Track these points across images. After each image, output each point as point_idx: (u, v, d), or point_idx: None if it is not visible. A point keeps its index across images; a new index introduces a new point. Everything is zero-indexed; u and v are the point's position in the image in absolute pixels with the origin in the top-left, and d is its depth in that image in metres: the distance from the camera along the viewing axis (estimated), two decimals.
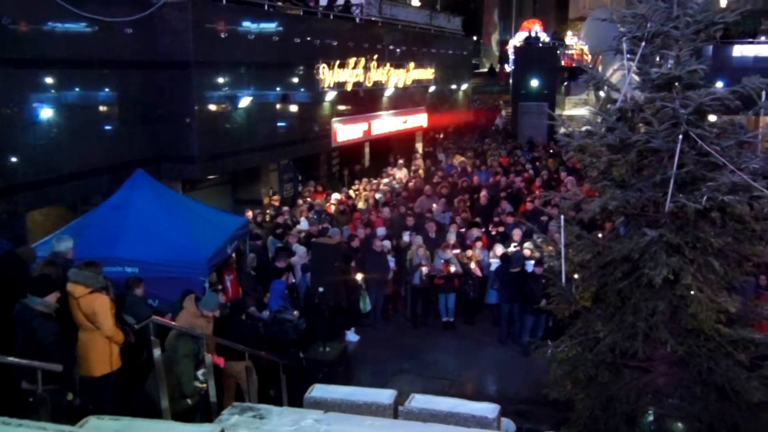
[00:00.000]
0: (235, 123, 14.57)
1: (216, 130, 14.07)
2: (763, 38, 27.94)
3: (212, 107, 13.93)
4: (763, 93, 7.49)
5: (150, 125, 13.01)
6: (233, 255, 11.60)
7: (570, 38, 36.37)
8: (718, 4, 29.73)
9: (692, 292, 7.03)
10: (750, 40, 27.67)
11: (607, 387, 7.93)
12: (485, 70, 41.00)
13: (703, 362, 7.41)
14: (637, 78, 8.03)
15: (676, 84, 7.41)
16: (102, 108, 12.32)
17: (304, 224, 14.98)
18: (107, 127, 12.37)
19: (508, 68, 35.17)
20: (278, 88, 16.08)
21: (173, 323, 7.96)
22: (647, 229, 7.13)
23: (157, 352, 7.12)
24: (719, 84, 9.47)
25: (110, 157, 12.17)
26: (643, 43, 7.62)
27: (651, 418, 7.74)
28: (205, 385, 7.67)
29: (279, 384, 9.49)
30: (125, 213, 9.83)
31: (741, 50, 27.44)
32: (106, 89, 12.26)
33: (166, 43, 13.02)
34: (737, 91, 7.43)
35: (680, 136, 6.93)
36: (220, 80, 14.06)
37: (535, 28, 36.52)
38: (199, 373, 7.62)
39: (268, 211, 16.00)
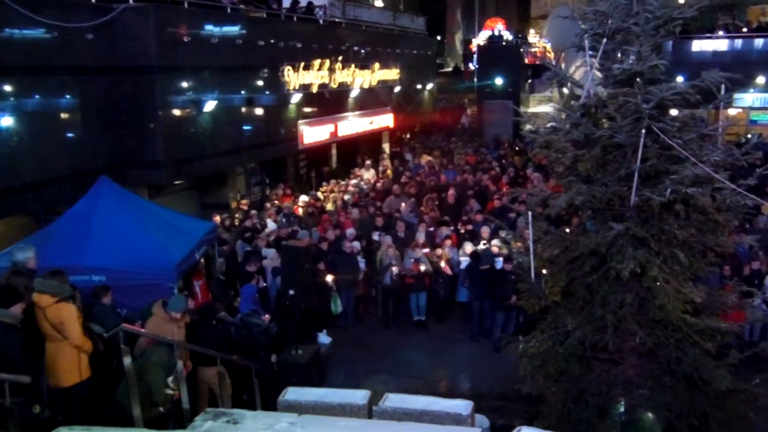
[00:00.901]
0: (201, 127, 14.45)
1: (181, 135, 13.95)
2: (720, 33, 28.44)
3: (177, 112, 13.81)
4: (722, 87, 7.64)
5: (114, 131, 12.85)
6: (202, 260, 11.52)
7: (533, 36, 36.69)
8: (676, 1, 30.30)
9: (659, 284, 7.13)
10: (708, 35, 28.16)
11: (578, 380, 8.01)
12: (450, 69, 41.14)
13: (671, 352, 7.53)
14: (599, 74, 8.13)
15: (638, 79, 7.52)
16: (64, 115, 12.15)
17: (271, 226, 14.89)
18: (69, 135, 12.21)
19: (472, 67, 35.35)
20: (243, 92, 15.99)
21: (143, 330, 7.87)
22: (613, 223, 7.23)
23: (127, 360, 7.03)
24: (680, 79, 9.61)
25: (73, 164, 12.00)
26: (605, 40, 7.72)
27: (622, 409, 7.83)
28: (176, 392, 7.60)
29: (252, 388, 9.44)
30: (90, 221, 9.70)
31: (700, 45, 27.94)
32: (68, 96, 12.09)
33: (128, 48, 12.87)
34: (697, 86, 7.56)
35: (643, 131, 7.02)
36: (184, 84, 13.94)
37: (498, 27, 36.80)
38: (169, 380, 7.55)
39: (236, 215, 15.90)
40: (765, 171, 7.83)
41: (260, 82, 16.69)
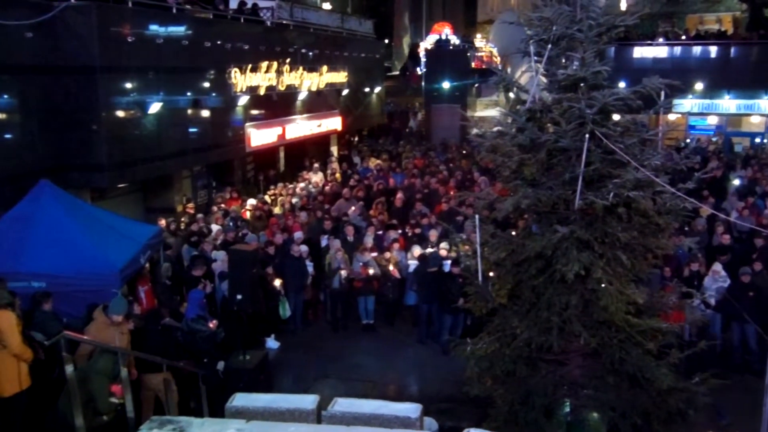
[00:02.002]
0: (146, 129, 14.20)
1: (125, 137, 13.67)
2: (661, 40, 29.19)
3: (121, 113, 13.53)
4: (662, 93, 7.84)
5: (55, 133, 12.53)
6: (147, 265, 11.31)
7: (479, 41, 37.07)
8: (618, 8, 31.00)
9: (603, 286, 7.28)
10: (649, 42, 28.88)
11: (525, 381, 8.12)
12: (398, 72, 41.30)
13: (614, 352, 7.69)
14: (544, 79, 8.26)
15: (582, 85, 7.67)
16: (2, 115, 11.81)
17: (214, 229, 14.70)
18: (8, 136, 11.87)
19: (420, 71, 35.55)
20: (189, 93, 15.77)
21: (86, 338, 7.69)
22: (558, 226, 7.34)
23: (69, 368, 6.86)
24: (622, 84, 9.83)
25: (12, 166, 11.68)
26: (549, 46, 7.85)
27: (567, 409, 7.97)
28: (121, 400, 7.44)
29: (199, 395, 9.31)
30: (30, 225, 9.44)
31: (641, 52, 28.63)
32: (5, 95, 11.78)
33: (70, 47, 12.58)
34: (638, 91, 7.75)
35: (587, 135, 7.16)
36: (128, 85, 13.67)
37: (446, 31, 37.04)
38: (112, 399, 7.39)
39: (182, 219, 15.66)
40: (703, 175, 8.06)
41: (207, 84, 16.49)
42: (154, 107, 14.15)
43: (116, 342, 7.88)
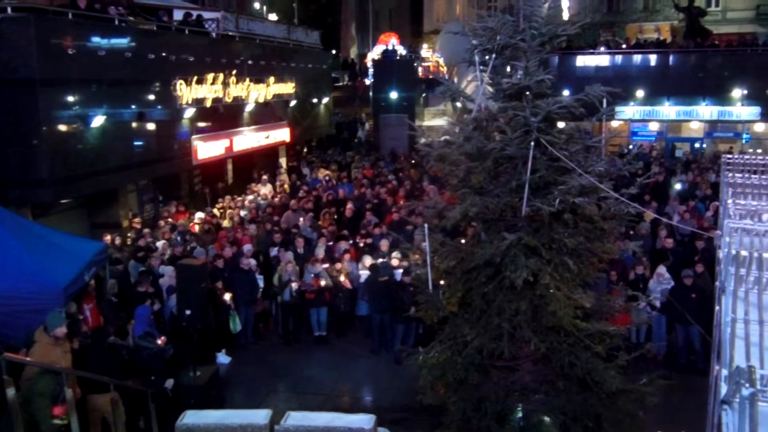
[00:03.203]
0: (89, 143, 13.91)
1: (67, 152, 13.38)
2: (602, 49, 29.84)
3: (62, 127, 13.23)
4: (604, 100, 7.99)
5: None
6: (92, 282, 11.06)
7: (426, 51, 37.35)
8: (561, 18, 31.60)
9: (551, 291, 7.35)
10: (591, 51, 29.49)
11: (477, 388, 8.15)
12: (347, 82, 41.31)
13: (564, 357, 7.76)
14: (490, 88, 8.34)
15: (527, 93, 7.77)
16: None
17: (160, 244, 14.44)
18: None
19: (368, 81, 35.65)
20: (134, 106, 15.51)
21: (28, 359, 7.46)
22: (506, 233, 7.40)
23: (10, 391, 6.64)
24: (566, 92, 10.00)
25: None
26: (494, 55, 7.93)
27: (519, 414, 8.02)
28: (65, 421, 7.24)
29: (148, 414, 9.12)
30: None
31: (584, 60, 29.23)
32: None
33: (8, 59, 12.31)
34: (581, 99, 7.88)
35: (532, 143, 7.24)
36: (70, 99, 13.38)
37: (392, 42, 37.21)
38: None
39: (128, 234, 15.36)
40: (646, 180, 8.23)
41: (152, 97, 16.24)
42: (98, 120, 13.88)
43: (61, 362, 7.66)
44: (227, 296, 12.31)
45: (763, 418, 2.17)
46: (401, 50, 35.09)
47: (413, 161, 25.06)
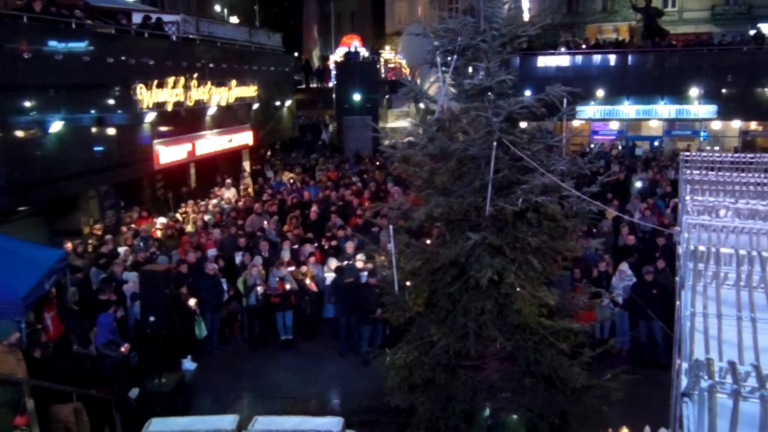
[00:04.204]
0: (47, 149, 13.65)
1: (24, 158, 13.11)
2: (563, 49, 30.17)
3: (19, 133, 12.97)
4: (565, 100, 8.09)
5: None
6: (53, 290, 10.86)
7: (388, 52, 37.41)
8: (521, 19, 31.91)
9: (516, 290, 7.42)
10: (552, 51, 29.80)
11: (445, 388, 8.19)
12: (314, 85, 41.17)
13: (530, 355, 7.84)
14: (452, 89, 8.39)
15: (489, 94, 7.82)
16: None
17: (121, 251, 14.25)
18: None
19: (331, 84, 35.60)
20: (93, 111, 15.27)
21: None
22: (470, 233, 7.44)
23: None
24: (528, 93, 10.09)
25: None
26: (455, 56, 7.98)
27: (487, 413, 8.08)
28: None
29: (113, 423, 8.99)
30: None
31: (545, 61, 29.52)
32: None
33: None
34: (542, 99, 7.97)
35: (495, 143, 7.30)
36: (27, 104, 13.12)
37: (355, 44, 37.23)
38: None
39: (89, 241, 15.11)
40: (607, 178, 8.34)
41: (111, 101, 16.01)
42: (56, 126, 13.63)
43: (18, 371, 7.51)
44: (192, 302, 12.19)
45: (721, 409, 2.21)
46: (364, 52, 35.11)
47: (377, 163, 25.09)
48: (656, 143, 29.59)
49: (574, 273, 11.83)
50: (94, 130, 15.37)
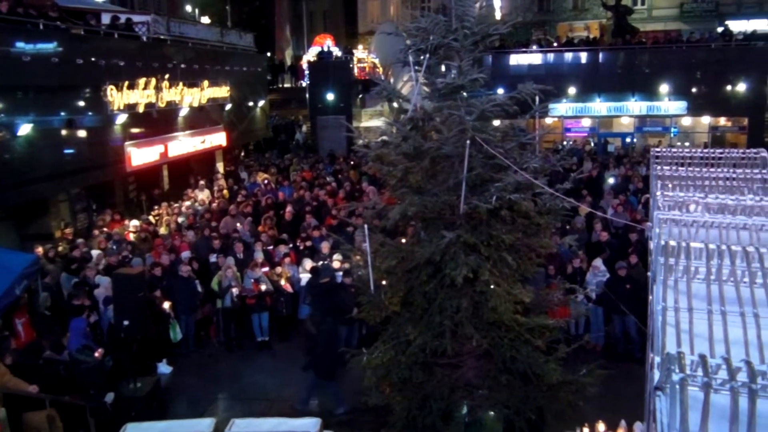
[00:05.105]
0: (15, 152, 13.46)
1: None
2: (534, 47, 30.35)
3: None
4: (537, 98, 8.14)
5: None
6: (24, 296, 10.71)
7: (361, 52, 37.39)
8: (493, 17, 32.04)
9: (491, 287, 7.45)
10: (524, 49, 29.96)
11: (422, 386, 8.20)
12: (288, 85, 41.00)
13: (506, 352, 7.88)
14: (425, 88, 8.40)
15: (462, 92, 7.84)
16: None
17: (94, 254, 14.08)
18: None
19: (304, 83, 35.49)
20: (63, 113, 15.08)
21: None
22: (445, 231, 7.47)
23: None
24: (501, 91, 10.13)
25: None
26: (428, 55, 7.99)
27: (464, 410, 8.10)
28: None
29: (88, 429, 8.89)
30: None
31: (517, 59, 29.65)
32: None
33: None
34: (515, 97, 8.01)
35: (468, 141, 7.32)
36: None
37: (327, 43, 37.13)
38: None
39: (60, 245, 14.91)
40: (580, 175, 8.41)
41: (81, 103, 15.82)
42: (24, 128, 13.44)
43: None
44: (167, 305, 12.09)
45: (693, 402, 2.23)
46: (337, 52, 35.04)
47: (352, 162, 25.06)
48: (628, 140, 29.88)
49: (549, 269, 11.91)
50: (64, 132, 15.19)
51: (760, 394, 2.22)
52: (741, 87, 26.85)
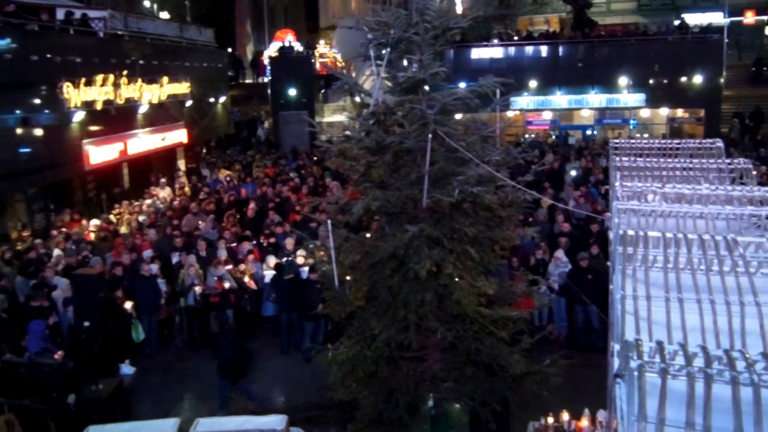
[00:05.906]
0: None
1: None
2: (495, 41, 30.52)
3: None
4: (498, 91, 8.19)
5: None
6: None
7: (323, 46, 37.21)
8: (454, 11, 32.15)
9: (455, 280, 7.48)
10: (485, 43, 30.11)
11: (388, 380, 8.22)
12: (249, 81, 40.62)
13: (470, 344, 7.93)
14: (387, 83, 8.40)
15: (423, 86, 7.86)
16: None
17: (55, 254, 13.83)
18: None
19: (265, 79, 35.22)
20: (17, 111, 14.77)
21: None
22: (408, 225, 7.48)
23: None
24: (462, 85, 10.17)
25: None
26: (389, 49, 7.98)
27: (430, 403, 8.14)
28: None
29: None
30: None
31: (478, 53, 29.78)
32: None
33: None
34: (476, 91, 8.05)
35: (430, 135, 7.34)
36: None
37: (289, 38, 36.88)
38: None
39: (19, 245, 14.61)
40: (541, 167, 8.48)
41: (37, 100, 15.51)
42: None
43: None
44: (128, 304, 11.93)
45: (651, 388, 2.26)
46: (298, 47, 34.83)
47: (315, 158, 24.96)
48: (588, 132, 30.22)
49: (512, 261, 12.01)
50: (19, 130, 14.88)
51: (715, 379, 2.26)
52: (697, 79, 27.33)
